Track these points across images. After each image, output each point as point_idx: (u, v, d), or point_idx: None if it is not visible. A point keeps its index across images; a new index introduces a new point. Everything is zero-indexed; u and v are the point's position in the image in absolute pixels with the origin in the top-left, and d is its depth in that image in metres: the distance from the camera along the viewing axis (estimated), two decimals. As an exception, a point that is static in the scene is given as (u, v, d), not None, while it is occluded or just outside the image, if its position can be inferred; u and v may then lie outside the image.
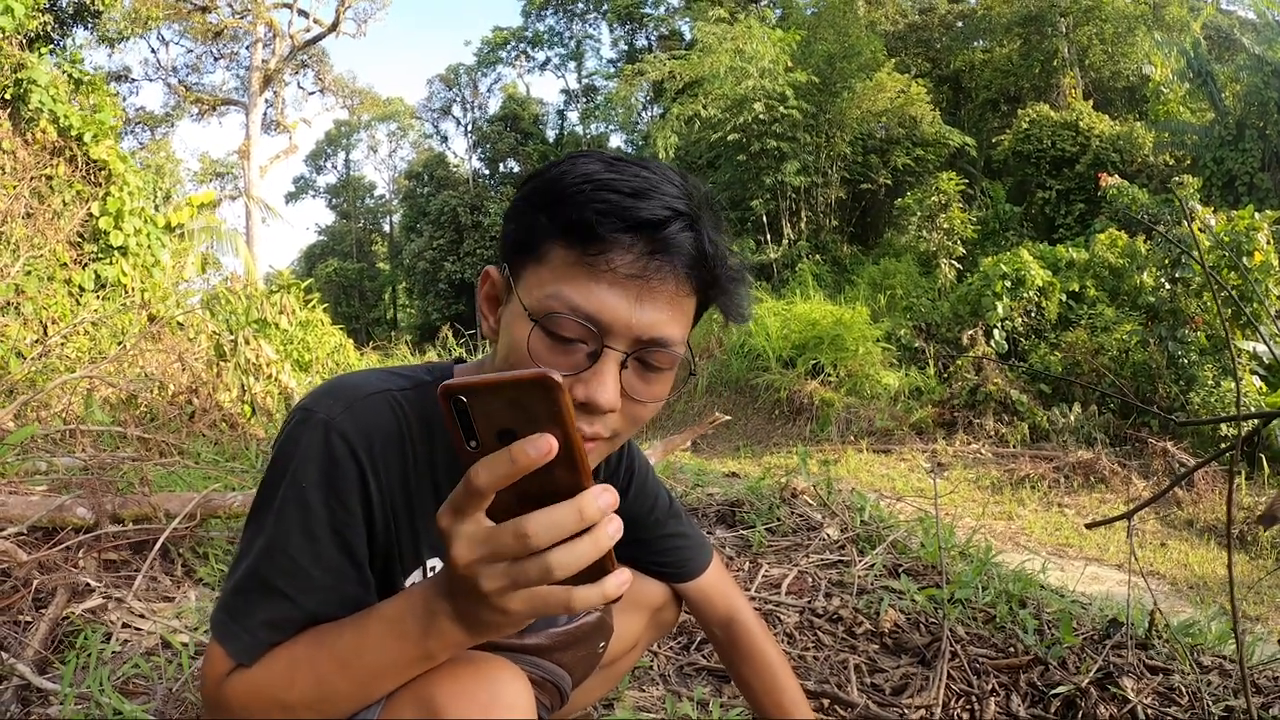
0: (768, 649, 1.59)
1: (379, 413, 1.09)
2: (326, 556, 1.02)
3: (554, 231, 0.99)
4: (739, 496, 4.45)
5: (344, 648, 0.96)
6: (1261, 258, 11.27)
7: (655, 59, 23.18)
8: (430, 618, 0.90)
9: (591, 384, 0.99)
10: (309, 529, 1.02)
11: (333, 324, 12.02)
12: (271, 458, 1.08)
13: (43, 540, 3.11)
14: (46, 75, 9.14)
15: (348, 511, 1.04)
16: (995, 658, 2.51)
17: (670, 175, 1.04)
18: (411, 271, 34.59)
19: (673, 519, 1.57)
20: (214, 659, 1.01)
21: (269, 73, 30.25)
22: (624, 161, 1.03)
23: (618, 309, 0.98)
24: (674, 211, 0.99)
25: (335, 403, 1.07)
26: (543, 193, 1.02)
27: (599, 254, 0.97)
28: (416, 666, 0.94)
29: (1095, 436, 11.35)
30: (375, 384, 1.12)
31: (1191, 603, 6.21)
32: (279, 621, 1.00)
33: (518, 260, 1.04)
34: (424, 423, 1.13)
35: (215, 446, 5.86)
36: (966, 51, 25.26)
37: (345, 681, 0.95)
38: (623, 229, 0.97)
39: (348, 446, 1.04)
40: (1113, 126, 19.72)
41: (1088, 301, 13.71)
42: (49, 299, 8.67)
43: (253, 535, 1.05)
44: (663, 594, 1.62)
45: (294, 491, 1.03)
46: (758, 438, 13.65)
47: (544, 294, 0.99)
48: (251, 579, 1.02)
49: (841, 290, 18.29)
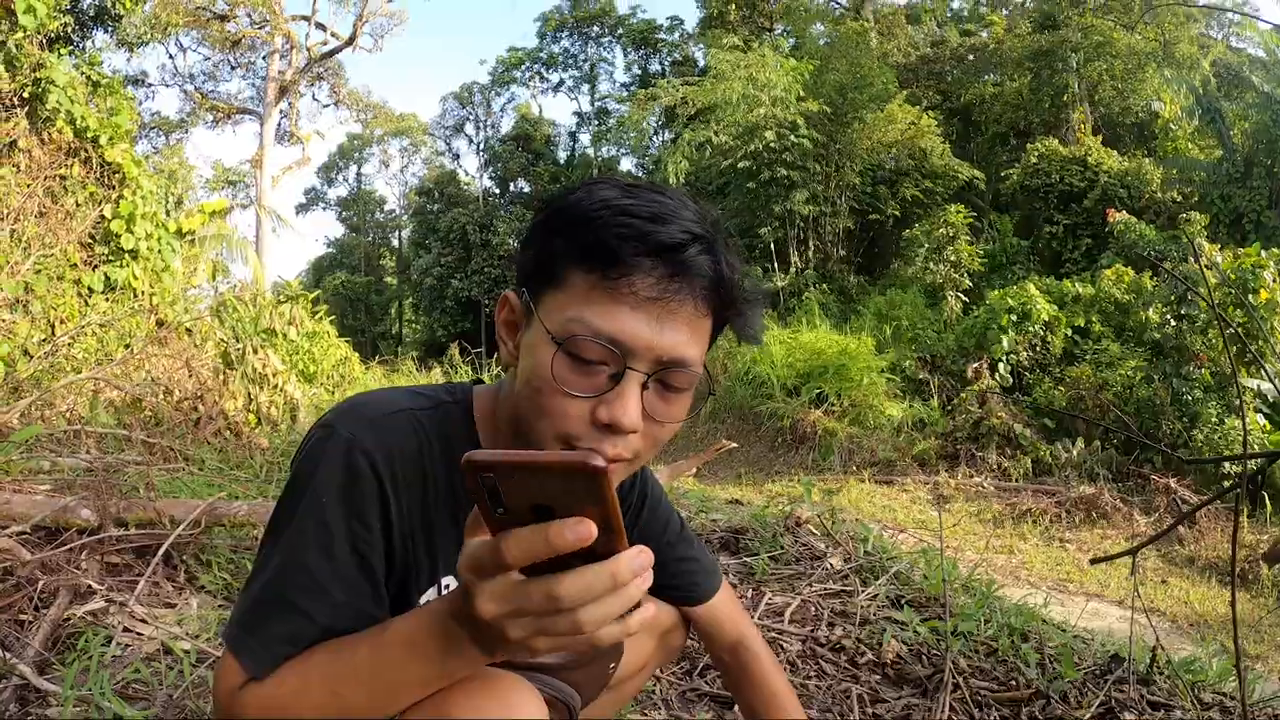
0: (775, 676, 1.58)
1: (401, 432, 1.10)
2: (344, 573, 1.03)
3: (574, 256, 1.00)
4: (743, 524, 4.44)
5: (359, 664, 0.96)
6: (1268, 295, 11.27)
7: (668, 84, 23.29)
8: (448, 639, 0.90)
9: (615, 405, 1.00)
10: (327, 546, 1.02)
11: (339, 336, 12.05)
12: (292, 473, 1.08)
13: (46, 540, 3.11)
14: (65, 76, 9.19)
15: (367, 529, 1.05)
16: (997, 690, 2.50)
17: (685, 201, 1.05)
18: (419, 287, 34.68)
19: (683, 542, 1.57)
20: (228, 672, 1.01)
21: (285, 84, 30.42)
22: (640, 187, 1.04)
23: (639, 331, 0.99)
24: (692, 235, 1.00)
25: (358, 420, 1.08)
26: (561, 219, 1.03)
27: (620, 277, 0.98)
28: (434, 684, 0.94)
29: (1098, 472, 11.31)
30: (398, 403, 1.13)
31: (1192, 640, 6.16)
32: (294, 637, 1.00)
33: (537, 286, 1.04)
34: (444, 443, 1.13)
35: (220, 454, 5.86)
36: (977, 85, 25.37)
37: (360, 697, 0.95)
38: (643, 252, 0.98)
39: (369, 464, 1.05)
40: (1121, 162, 19.76)
41: (1093, 337, 13.70)
42: (58, 299, 8.69)
43: (270, 549, 1.05)
44: (672, 617, 1.61)
45: (314, 507, 1.03)
46: (760, 465, 13.62)
47: (565, 318, 1.00)
48: (268, 593, 1.02)
49: (847, 320, 18.29)
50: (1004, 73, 24.63)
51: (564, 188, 1.10)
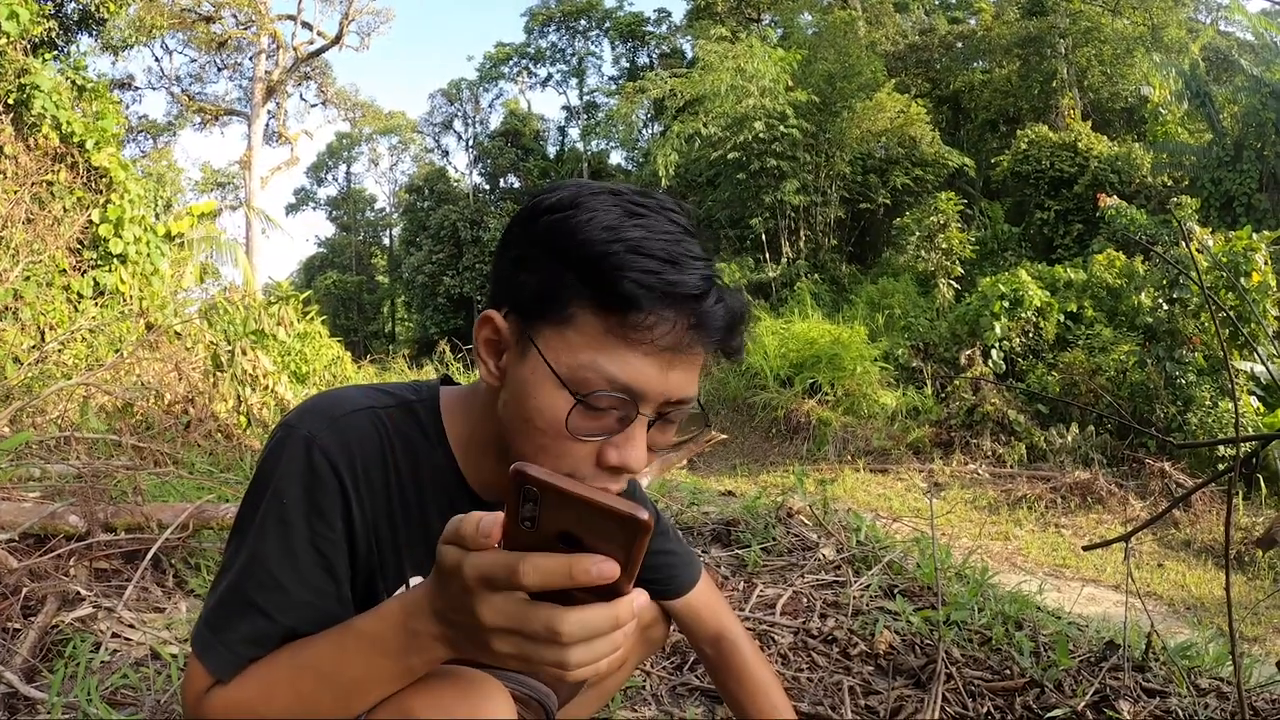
0: (758, 667, 1.57)
1: (362, 430, 1.08)
2: (307, 573, 1.02)
3: (584, 294, 0.97)
4: (734, 516, 4.43)
5: (323, 663, 0.95)
6: (1259, 278, 11.30)
7: (656, 76, 23.26)
8: (412, 636, 0.89)
9: (625, 450, 1.00)
10: (290, 546, 1.01)
11: (331, 336, 12.00)
12: (254, 473, 1.07)
13: (34, 547, 3.10)
14: (50, 81, 9.12)
15: (329, 528, 1.03)
16: (991, 680, 2.49)
17: (679, 219, 1.02)
18: (410, 285, 34.64)
19: (660, 535, 1.54)
20: (194, 675, 1.00)
21: (272, 84, 30.32)
22: (639, 205, 1.01)
23: (652, 379, 0.98)
24: (707, 279, 0.99)
25: (318, 419, 1.07)
26: (564, 246, 0.98)
27: (639, 327, 0.96)
28: (397, 681, 0.93)
29: (1092, 457, 11.36)
30: (359, 401, 1.12)
31: (1189, 624, 6.18)
32: (259, 638, 0.99)
33: (536, 315, 1.00)
34: (407, 443, 1.12)
35: (210, 457, 5.84)
36: (966, 72, 25.38)
37: (324, 696, 0.95)
38: (664, 304, 0.96)
39: (329, 463, 1.04)
40: (1111, 147, 19.79)
41: (1085, 322, 13.74)
42: (47, 305, 8.65)
43: (235, 551, 1.04)
44: (651, 611, 1.60)
45: (275, 507, 1.02)
46: (754, 456, 13.64)
47: (578, 364, 0.97)
48: (232, 595, 1.01)
49: (839, 309, 18.33)
50: (993, 59, 24.64)
51: (548, 190, 1.05)
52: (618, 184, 1.05)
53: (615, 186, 1.04)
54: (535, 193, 1.06)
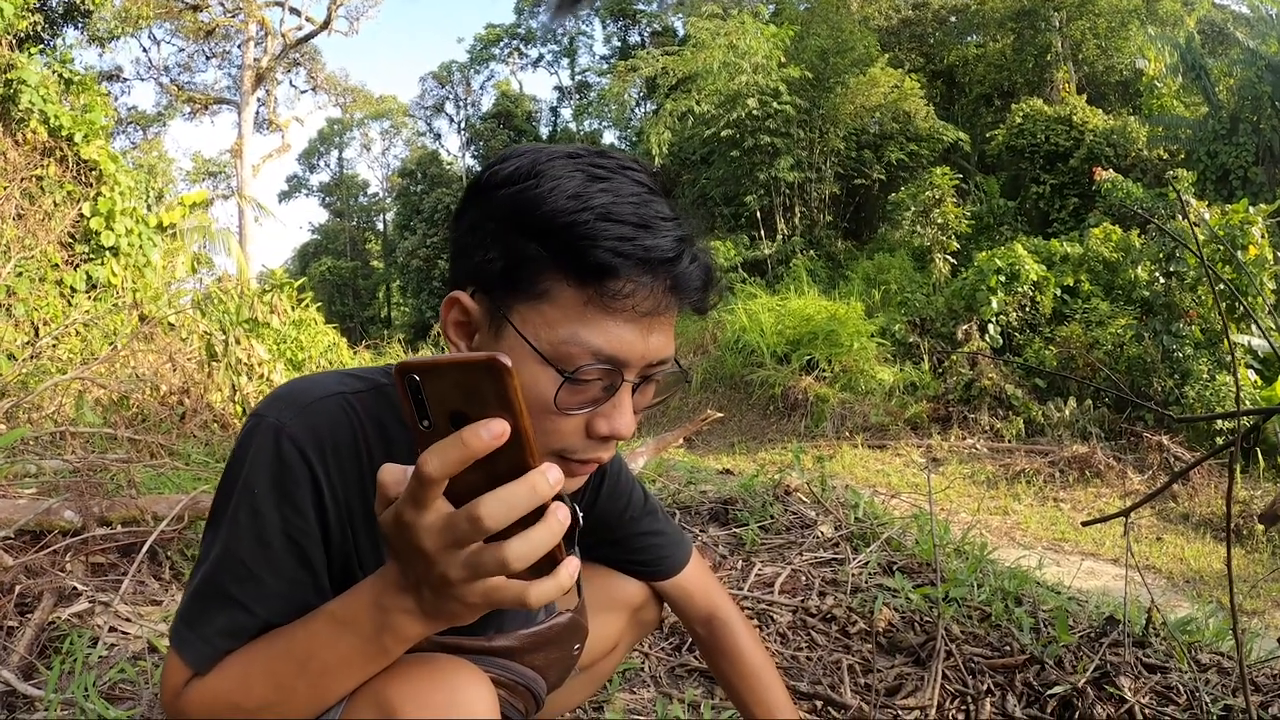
0: (751, 646, 1.57)
1: (331, 416, 1.07)
2: (280, 563, 1.01)
3: (557, 268, 0.96)
4: (732, 494, 4.42)
5: (298, 649, 0.95)
6: (1256, 251, 11.29)
7: (648, 55, 23.14)
8: (382, 613, 0.88)
9: (614, 418, 1.01)
10: (262, 536, 1.00)
11: (326, 323, 12.01)
12: (226, 464, 1.06)
13: (29, 544, 3.08)
14: (37, 75, 9.06)
15: (301, 517, 1.02)
16: (991, 657, 2.49)
17: (641, 177, 1.01)
18: (405, 270, 34.56)
19: (648, 516, 1.54)
20: (172, 669, 1.00)
21: (261, 71, 30.11)
22: (599, 166, 0.99)
23: (634, 345, 0.98)
24: (680, 240, 0.98)
25: (286, 407, 1.05)
26: (528, 219, 0.96)
27: (618, 295, 0.95)
28: (373, 664, 0.93)
29: (1090, 431, 11.37)
30: (328, 387, 1.10)
31: (1188, 598, 6.20)
32: (234, 629, 0.99)
33: (507, 292, 0.99)
34: (379, 426, 1.11)
35: (206, 448, 5.83)
36: (960, 46, 25.27)
37: (301, 684, 0.94)
38: (640, 270, 0.95)
39: (298, 451, 1.02)
40: (1106, 121, 19.72)
41: (1082, 296, 13.73)
42: (40, 300, 8.63)
43: (209, 543, 1.04)
44: (642, 593, 1.60)
45: (246, 498, 1.01)
46: (752, 434, 13.65)
47: (559, 339, 0.96)
48: (207, 588, 1.01)
49: (835, 285, 18.31)
50: (986, 33, 24.53)
51: (500, 160, 1.03)
52: (573, 145, 1.04)
53: (571, 149, 1.02)
54: (488, 163, 1.04)
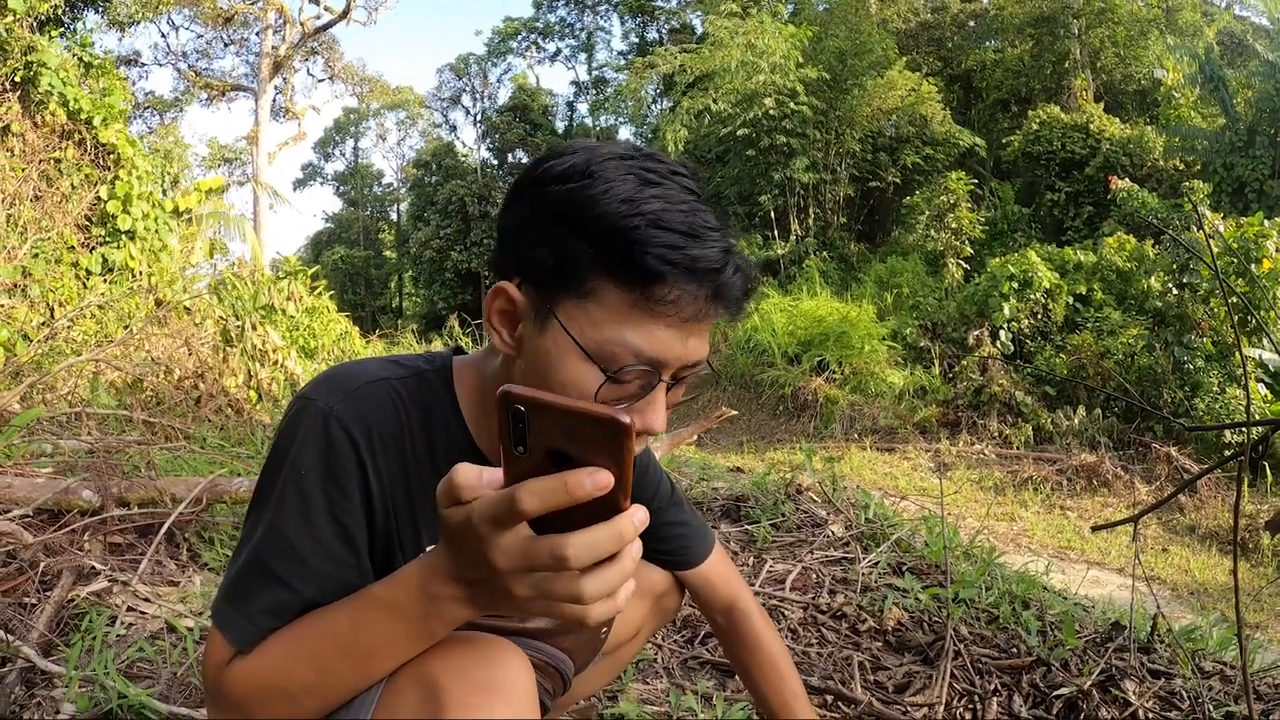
0: (769, 637, 1.61)
1: (377, 401, 1.10)
2: (326, 544, 1.03)
3: (606, 268, 0.98)
4: (744, 491, 4.45)
5: (341, 631, 0.96)
6: (1270, 265, 11.24)
7: (666, 52, 23.11)
8: (429, 600, 0.89)
9: (648, 414, 1.04)
10: (308, 516, 1.03)
11: (339, 311, 12.02)
12: (272, 445, 1.09)
13: (48, 522, 3.12)
14: (56, 58, 9.09)
15: (347, 498, 1.05)
16: (998, 658, 2.52)
17: (690, 183, 1.03)
18: (418, 260, 34.62)
19: (674, 507, 1.57)
20: (214, 646, 1.01)
21: (279, 59, 30.16)
22: (651, 170, 1.01)
23: (674, 347, 1.01)
24: (725, 250, 1.00)
25: (334, 391, 1.08)
26: (582, 219, 0.98)
27: (663, 300, 0.97)
28: (417, 646, 0.94)
29: (1099, 440, 11.34)
30: (374, 373, 1.13)
31: (1192, 609, 6.20)
32: (278, 608, 1.00)
33: (556, 288, 1.01)
34: (422, 412, 1.13)
35: (221, 432, 5.85)
36: (978, 51, 25.18)
37: (344, 664, 0.95)
38: (688, 278, 0.98)
39: (346, 434, 1.05)
40: (1123, 130, 19.65)
41: (1094, 305, 13.69)
42: (56, 282, 8.67)
43: (254, 523, 1.06)
44: (665, 581, 1.63)
45: (294, 479, 1.03)
46: (762, 433, 13.66)
47: (603, 338, 0.99)
48: (252, 566, 1.03)
49: (848, 288, 18.29)
50: (1005, 39, 24.44)
51: (554, 154, 1.05)
52: (624, 144, 1.06)
53: (623, 149, 1.04)
54: (540, 157, 1.06)
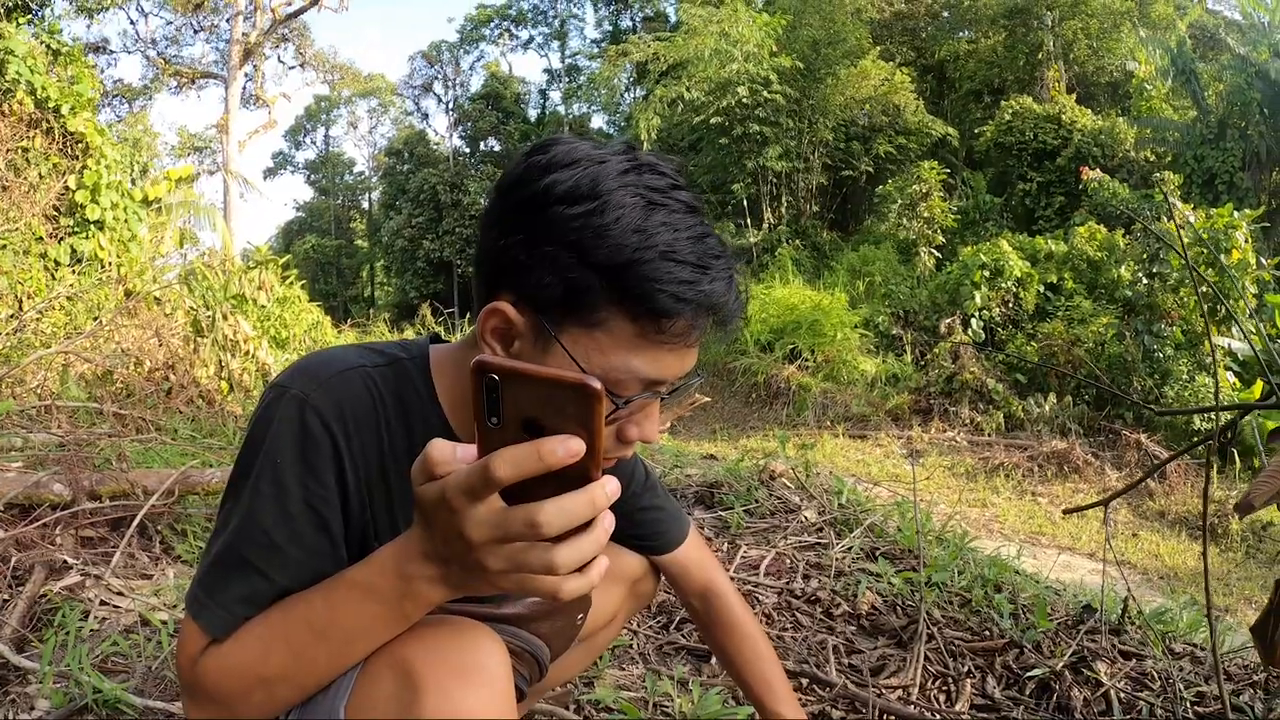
0: (745, 618, 1.62)
1: (353, 389, 1.09)
2: (301, 532, 1.02)
3: (615, 302, 0.97)
4: (717, 478, 4.47)
5: (316, 616, 0.96)
6: (1239, 255, 11.41)
7: (639, 40, 23.09)
8: (404, 581, 0.89)
9: (645, 427, 1.08)
10: (283, 505, 1.02)
11: (310, 301, 11.94)
12: (247, 434, 1.07)
13: (19, 517, 3.08)
14: (24, 46, 8.96)
15: (322, 487, 1.04)
16: (971, 641, 2.55)
17: (688, 196, 1.02)
18: (390, 249, 34.42)
19: (649, 492, 1.58)
20: (189, 635, 1.00)
21: (249, 46, 29.80)
22: (654, 189, 0.99)
23: (675, 368, 1.03)
24: (729, 279, 1.02)
25: (309, 379, 1.07)
26: (591, 249, 0.95)
27: (672, 332, 0.99)
28: (392, 628, 0.94)
29: (1070, 427, 11.48)
30: (350, 360, 1.12)
31: (1162, 592, 6.30)
32: (253, 597, 1.00)
33: (558, 314, 0.99)
34: (398, 400, 1.13)
35: (192, 423, 5.80)
36: (951, 42, 25.31)
37: (320, 649, 0.95)
38: (697, 314, 0.99)
39: (322, 422, 1.04)
40: (1095, 121, 19.81)
41: (1065, 293, 13.83)
42: (24, 273, 8.55)
43: (228, 511, 1.05)
44: (641, 566, 1.63)
45: (269, 467, 1.02)
46: (734, 421, 13.71)
47: (610, 365, 0.99)
48: (226, 554, 1.02)
49: (820, 276, 18.36)
50: (978, 29, 24.57)
51: (551, 165, 0.99)
52: (619, 150, 1.03)
53: (622, 161, 1.00)
54: (532, 162, 1.01)
